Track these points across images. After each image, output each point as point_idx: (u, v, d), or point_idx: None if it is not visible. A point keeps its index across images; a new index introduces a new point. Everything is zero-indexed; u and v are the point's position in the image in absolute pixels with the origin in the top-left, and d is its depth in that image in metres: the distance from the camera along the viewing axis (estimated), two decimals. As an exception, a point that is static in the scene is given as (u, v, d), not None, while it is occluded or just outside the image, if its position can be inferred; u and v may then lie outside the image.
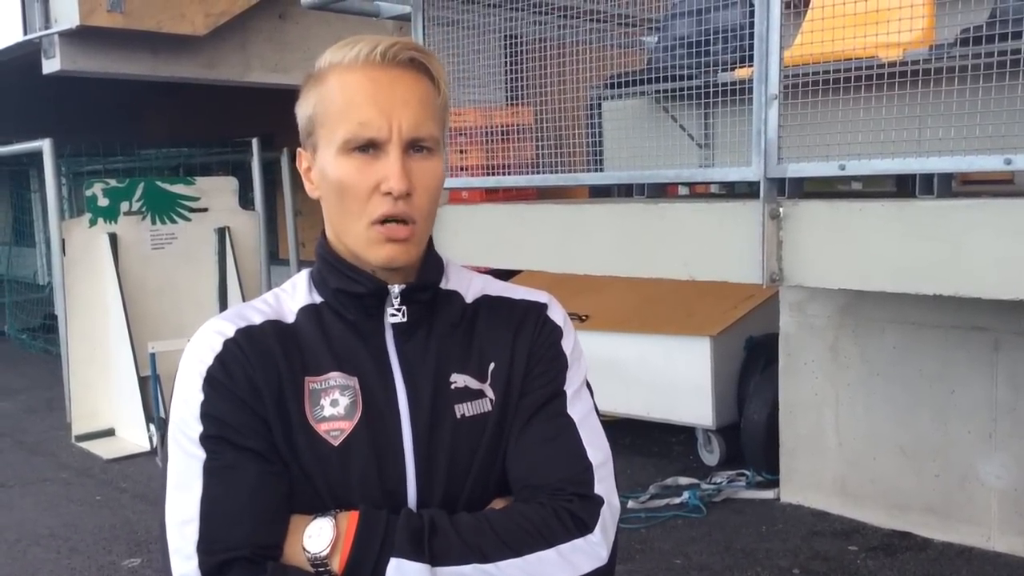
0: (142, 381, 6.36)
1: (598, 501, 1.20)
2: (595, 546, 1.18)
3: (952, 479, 4.38)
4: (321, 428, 1.18)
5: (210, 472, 1.14)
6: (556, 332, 1.30)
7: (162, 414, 6.19)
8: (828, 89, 2.88)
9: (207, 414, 1.16)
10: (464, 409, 1.23)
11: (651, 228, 3.25)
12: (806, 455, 4.92)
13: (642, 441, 6.00)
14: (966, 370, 4.29)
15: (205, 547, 1.12)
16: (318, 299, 1.27)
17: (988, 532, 4.28)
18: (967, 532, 4.34)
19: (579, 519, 1.18)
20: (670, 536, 4.55)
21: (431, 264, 1.27)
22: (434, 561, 1.11)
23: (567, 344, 1.30)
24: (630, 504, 4.82)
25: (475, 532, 1.14)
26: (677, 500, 4.91)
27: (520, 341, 1.28)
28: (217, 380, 1.17)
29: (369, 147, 1.16)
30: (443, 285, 1.29)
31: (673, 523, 4.72)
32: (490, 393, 1.24)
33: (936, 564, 4.17)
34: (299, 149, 1.27)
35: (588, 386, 1.31)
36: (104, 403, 6.71)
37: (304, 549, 1.13)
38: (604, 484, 1.22)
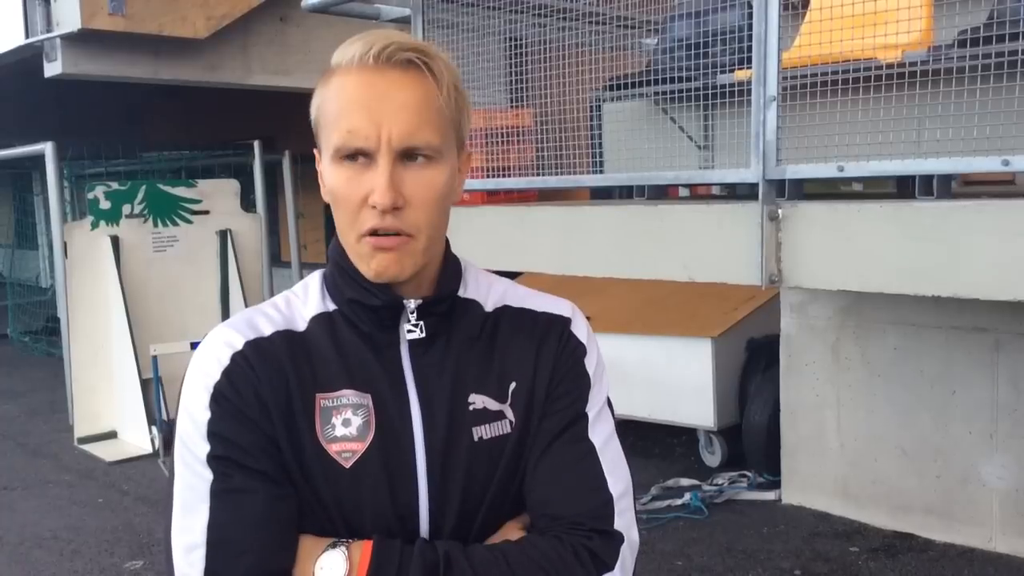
0: (144, 383, 6.37)
1: (618, 538, 1.16)
2: None
3: (953, 480, 4.38)
4: (332, 449, 1.14)
5: (217, 495, 1.10)
6: (579, 350, 1.25)
7: (164, 416, 6.20)
8: (827, 91, 2.88)
9: (214, 433, 1.12)
10: (482, 431, 1.18)
11: (651, 230, 3.26)
12: (807, 456, 4.92)
13: (644, 442, 6.00)
14: (967, 371, 4.30)
15: (212, 575, 1.09)
16: (331, 306, 1.21)
17: (990, 533, 4.28)
18: (969, 533, 4.34)
19: (598, 557, 1.14)
20: (671, 537, 4.55)
21: (448, 273, 1.22)
22: None
23: (590, 362, 1.25)
24: (631, 505, 4.82)
25: (491, 568, 1.10)
26: (679, 501, 4.92)
27: (542, 359, 1.22)
28: (224, 397, 1.12)
29: (358, 156, 1.11)
30: (461, 292, 1.24)
31: (675, 524, 4.72)
32: (510, 414, 1.19)
33: (938, 565, 4.17)
34: (315, 149, 1.22)
35: (609, 403, 1.27)
36: (106, 406, 6.72)
37: None
38: (624, 517, 1.18)
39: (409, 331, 1.18)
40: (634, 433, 5.94)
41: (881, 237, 2.66)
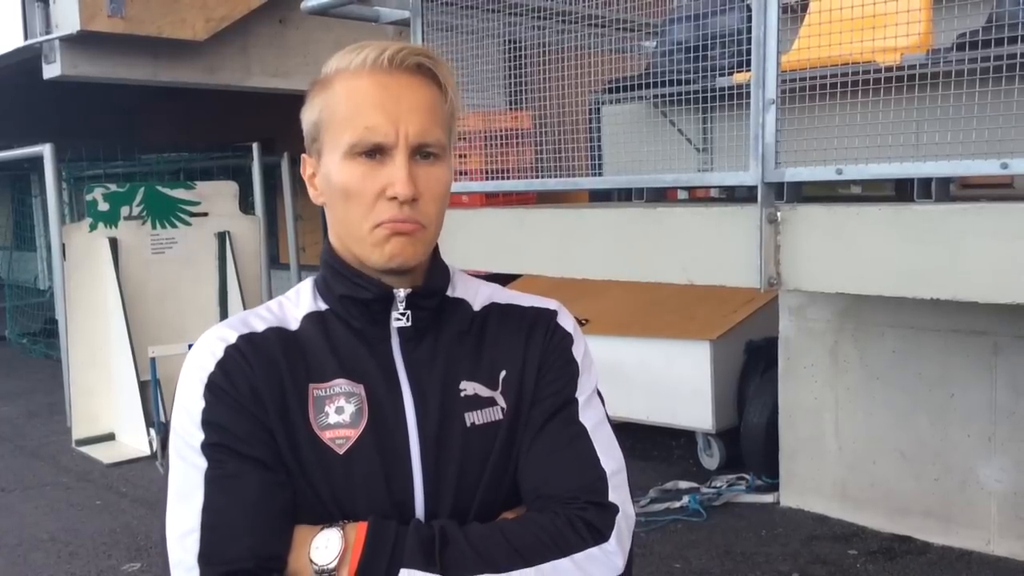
0: (142, 385, 6.36)
1: (613, 509, 1.18)
2: (610, 555, 1.15)
3: (952, 483, 4.38)
4: (326, 436, 1.16)
5: (212, 482, 1.12)
6: (567, 339, 1.28)
7: (162, 418, 6.19)
8: (826, 93, 2.89)
9: (208, 422, 1.14)
10: (474, 417, 1.20)
11: (650, 232, 3.26)
12: (806, 459, 4.92)
13: (642, 445, 6.00)
14: (965, 374, 4.30)
15: (207, 559, 1.10)
16: (323, 306, 1.25)
17: (988, 536, 4.28)
18: (967, 536, 4.34)
19: (594, 528, 1.15)
20: (670, 540, 4.55)
21: (437, 271, 1.26)
22: (445, 572, 1.09)
23: (578, 351, 1.28)
24: (630, 508, 4.82)
25: (487, 542, 1.12)
26: (677, 504, 4.91)
27: (531, 348, 1.25)
28: (219, 387, 1.15)
29: (375, 152, 1.15)
30: (450, 293, 1.27)
31: (673, 527, 4.72)
32: (501, 401, 1.22)
33: (936, 568, 4.17)
34: (303, 155, 1.25)
35: (599, 394, 1.29)
36: (104, 408, 6.72)
37: (311, 561, 1.10)
38: (618, 492, 1.20)
39: (396, 319, 1.21)
40: (632, 436, 5.94)
41: (880, 240, 2.66)
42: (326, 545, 1.11)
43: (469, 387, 1.22)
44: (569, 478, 1.19)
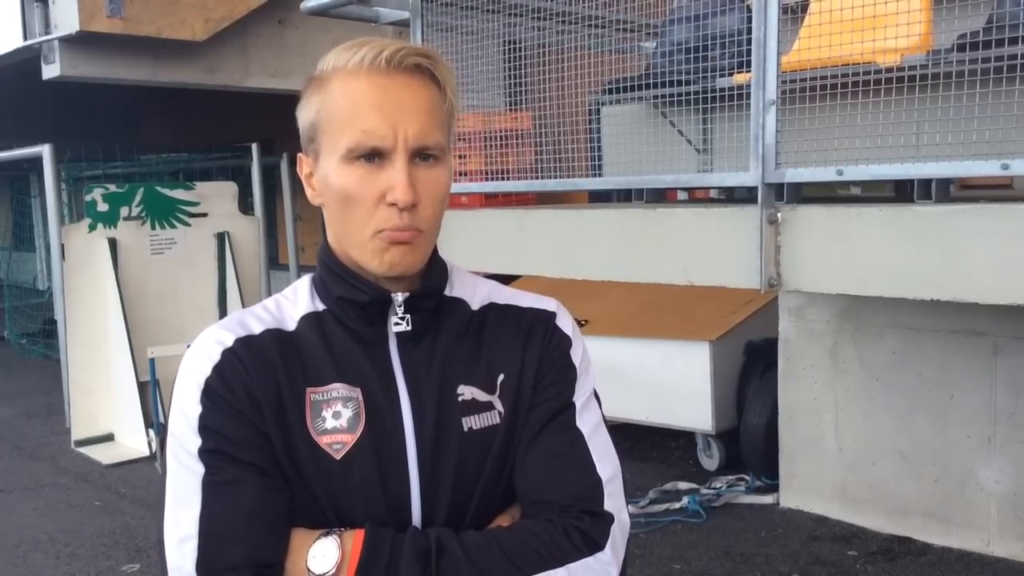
0: (141, 386, 6.36)
1: (608, 519, 1.18)
2: (605, 565, 1.15)
3: (951, 484, 4.38)
4: (323, 441, 1.16)
5: (209, 488, 1.12)
6: (565, 342, 1.28)
7: (162, 419, 6.19)
8: (826, 94, 2.89)
9: (205, 427, 1.13)
10: (471, 422, 1.20)
11: (650, 233, 3.25)
12: (805, 460, 4.92)
13: (642, 446, 6.00)
14: (965, 374, 4.30)
15: (205, 566, 1.10)
16: (320, 306, 1.24)
17: (987, 537, 4.28)
18: (966, 537, 4.34)
19: (589, 537, 1.16)
20: (669, 541, 4.55)
21: (435, 271, 1.24)
22: None
23: (576, 354, 1.28)
24: (629, 509, 4.81)
25: (483, 552, 1.12)
26: (677, 505, 4.91)
27: (529, 351, 1.25)
28: (215, 392, 1.15)
29: (374, 156, 1.13)
30: (448, 292, 1.26)
31: (672, 528, 4.72)
32: (499, 405, 1.22)
33: (935, 569, 4.17)
34: (300, 154, 1.24)
35: (596, 396, 1.29)
36: (103, 408, 6.71)
37: (308, 570, 1.11)
38: (614, 500, 1.20)
39: (396, 323, 1.20)
40: (632, 436, 5.94)
41: (880, 241, 2.66)
42: (323, 554, 1.11)
43: (467, 391, 1.21)
44: (565, 485, 1.19)
